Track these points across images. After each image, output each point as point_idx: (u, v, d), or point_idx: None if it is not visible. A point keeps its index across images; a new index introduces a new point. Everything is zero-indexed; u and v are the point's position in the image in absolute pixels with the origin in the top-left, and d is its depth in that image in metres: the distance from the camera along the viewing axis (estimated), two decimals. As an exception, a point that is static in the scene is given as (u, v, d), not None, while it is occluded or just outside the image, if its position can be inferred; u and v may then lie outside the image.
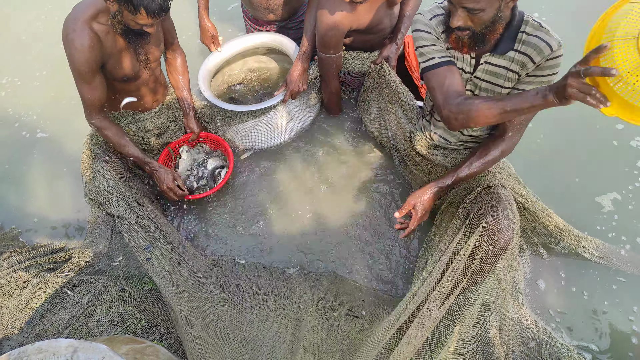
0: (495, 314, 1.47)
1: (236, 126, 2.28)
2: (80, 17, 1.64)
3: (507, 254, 1.45)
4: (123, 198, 1.83)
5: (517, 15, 1.38)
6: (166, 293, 1.55)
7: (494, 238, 1.42)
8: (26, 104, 2.77)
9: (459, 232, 1.51)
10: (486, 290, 1.46)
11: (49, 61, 3.02)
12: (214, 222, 2.13)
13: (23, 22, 3.35)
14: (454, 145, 1.79)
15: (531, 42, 1.38)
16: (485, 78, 1.51)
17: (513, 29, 1.39)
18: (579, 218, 1.98)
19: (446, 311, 1.40)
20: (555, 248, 1.88)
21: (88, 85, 1.76)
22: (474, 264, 1.42)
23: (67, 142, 2.54)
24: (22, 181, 2.40)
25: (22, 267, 1.75)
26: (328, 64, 2.15)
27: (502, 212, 1.46)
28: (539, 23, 1.38)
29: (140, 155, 1.96)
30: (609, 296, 1.81)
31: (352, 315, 1.65)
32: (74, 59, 1.67)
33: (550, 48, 1.35)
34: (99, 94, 1.81)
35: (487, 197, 1.54)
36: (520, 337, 1.65)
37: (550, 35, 1.36)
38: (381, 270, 1.94)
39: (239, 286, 1.75)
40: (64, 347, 1.06)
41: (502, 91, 1.50)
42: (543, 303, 1.81)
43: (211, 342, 1.44)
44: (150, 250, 1.69)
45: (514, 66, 1.44)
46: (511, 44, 1.41)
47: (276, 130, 2.32)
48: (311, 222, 2.10)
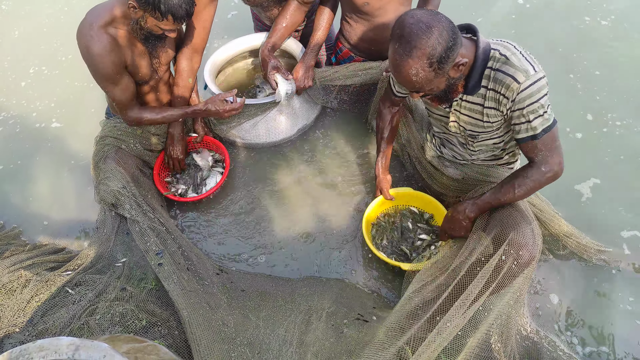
0: (501, 322, 1.46)
1: (240, 122, 2.27)
2: (95, 24, 1.63)
3: (529, 268, 1.44)
4: (135, 200, 1.83)
5: (480, 55, 1.36)
6: (175, 298, 1.55)
7: (519, 253, 1.40)
8: (30, 104, 2.79)
9: (480, 245, 1.49)
10: (502, 304, 1.45)
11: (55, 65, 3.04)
12: (216, 226, 2.12)
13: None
14: (462, 160, 1.80)
15: (498, 78, 1.36)
16: (463, 112, 1.53)
17: (478, 69, 1.38)
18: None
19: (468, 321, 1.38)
20: (561, 253, 1.87)
21: (118, 87, 1.76)
22: (499, 277, 1.39)
23: (72, 142, 2.55)
24: (26, 181, 2.40)
25: (23, 266, 1.75)
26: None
27: (526, 226, 1.44)
28: (506, 57, 1.34)
29: (183, 111, 2.00)
30: (615, 304, 1.79)
31: (362, 319, 1.64)
32: (97, 65, 1.66)
33: (516, 81, 1.33)
34: (130, 92, 1.82)
35: (510, 210, 1.52)
36: (520, 345, 1.64)
37: (516, 67, 1.32)
38: (386, 275, 1.92)
39: (244, 292, 1.75)
40: (65, 345, 1.06)
41: (484, 125, 1.51)
42: (546, 310, 1.80)
43: (217, 347, 1.43)
44: (162, 256, 1.69)
45: (489, 102, 1.44)
46: (479, 82, 1.40)
47: (279, 126, 2.32)
48: (316, 225, 2.09)
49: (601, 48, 2.83)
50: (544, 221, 1.76)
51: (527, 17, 3.13)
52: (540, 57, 1.44)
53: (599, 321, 1.76)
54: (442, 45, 1.22)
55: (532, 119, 1.38)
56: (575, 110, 2.49)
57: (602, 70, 2.69)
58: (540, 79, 1.34)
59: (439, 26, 1.22)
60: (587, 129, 2.39)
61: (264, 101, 2.20)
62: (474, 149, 1.71)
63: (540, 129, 1.38)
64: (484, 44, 1.36)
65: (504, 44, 1.38)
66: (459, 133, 1.66)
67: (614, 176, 2.18)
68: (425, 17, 1.23)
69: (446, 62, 1.26)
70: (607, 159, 2.26)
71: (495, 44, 1.38)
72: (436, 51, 1.22)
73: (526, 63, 1.33)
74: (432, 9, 2.06)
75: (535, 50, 1.99)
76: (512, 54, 1.35)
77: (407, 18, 1.24)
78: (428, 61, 1.23)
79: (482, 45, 1.36)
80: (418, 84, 1.29)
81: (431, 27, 1.21)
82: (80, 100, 2.76)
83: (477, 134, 1.59)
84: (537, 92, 1.34)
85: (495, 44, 1.38)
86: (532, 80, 1.33)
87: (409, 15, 1.25)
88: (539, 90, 1.34)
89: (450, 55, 1.25)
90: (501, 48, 1.37)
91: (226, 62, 2.48)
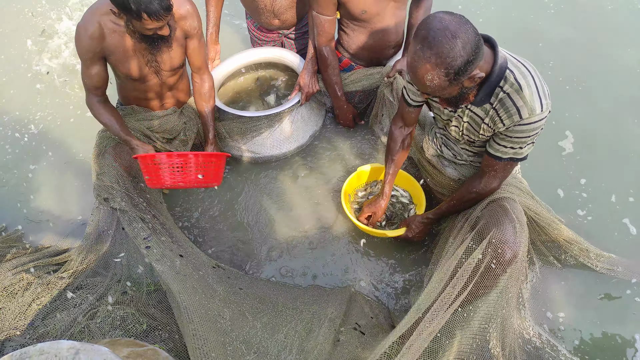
0: (496, 326, 1.45)
1: (252, 137, 2.27)
2: (93, 9, 1.72)
3: (513, 266, 1.44)
4: (127, 193, 1.85)
5: (496, 70, 1.34)
6: (167, 280, 1.53)
7: (498, 250, 1.41)
8: (30, 106, 2.80)
9: (463, 244, 1.51)
10: (488, 303, 1.45)
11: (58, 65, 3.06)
12: (219, 230, 2.12)
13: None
14: (461, 161, 1.80)
15: (505, 104, 1.36)
16: (465, 119, 1.54)
17: (492, 84, 1.36)
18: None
19: (447, 323, 1.39)
20: (564, 260, 1.87)
21: (86, 70, 1.83)
22: (476, 276, 1.40)
23: (74, 143, 2.56)
24: (27, 183, 2.41)
25: (25, 269, 1.76)
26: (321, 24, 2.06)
27: (509, 224, 1.45)
28: (519, 85, 1.32)
29: (123, 134, 1.91)
30: (617, 311, 1.79)
31: (359, 330, 1.64)
32: (77, 44, 1.76)
33: (519, 115, 1.33)
34: (94, 81, 1.86)
35: (495, 209, 1.54)
36: (523, 349, 1.64)
37: (525, 101, 1.31)
38: (390, 283, 1.92)
39: (242, 290, 1.74)
40: (66, 348, 1.06)
41: (479, 137, 1.53)
42: (548, 315, 1.79)
43: (212, 337, 1.42)
44: (150, 240, 1.70)
45: (488, 120, 1.45)
46: (488, 97, 1.39)
47: (292, 135, 2.32)
48: (321, 233, 2.09)
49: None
50: (543, 226, 1.75)
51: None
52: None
53: (601, 331, 1.75)
54: (462, 59, 1.21)
55: (508, 145, 1.43)
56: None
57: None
58: (542, 119, 1.34)
59: (465, 38, 1.20)
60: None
61: (279, 110, 2.20)
62: (472, 150, 1.73)
63: (507, 156, 1.46)
64: (501, 60, 1.35)
65: (520, 68, 1.35)
66: (459, 138, 1.67)
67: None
68: (453, 25, 1.20)
69: (463, 75, 1.25)
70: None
71: (512, 63, 1.36)
72: (456, 63, 1.21)
73: (537, 99, 1.32)
74: (427, 8, 2.02)
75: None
76: (527, 85, 1.33)
77: (435, 22, 1.22)
78: (445, 70, 1.22)
79: (499, 62, 1.34)
80: (431, 89, 1.29)
81: (456, 37, 1.19)
82: (82, 99, 2.77)
83: (474, 141, 1.61)
84: (532, 130, 1.36)
85: (512, 63, 1.36)
86: (534, 119, 1.34)
87: (438, 20, 1.22)
88: (534, 130, 1.36)
89: (469, 68, 1.24)
90: (516, 72, 1.34)
91: (227, 78, 2.48)
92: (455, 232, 1.68)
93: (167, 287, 1.54)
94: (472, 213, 1.64)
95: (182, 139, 2.20)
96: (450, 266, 1.47)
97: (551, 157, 2.34)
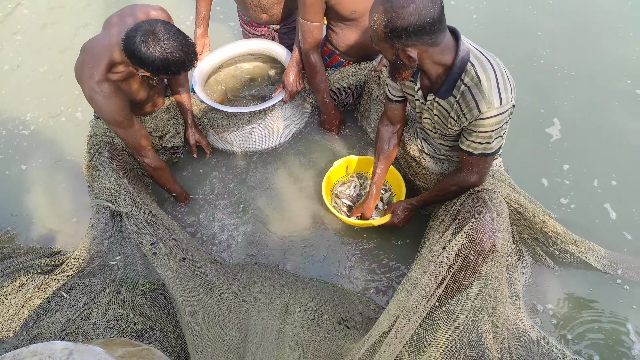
0: (488, 317, 1.45)
1: (235, 130, 2.29)
2: (95, 76, 1.66)
3: (493, 256, 1.44)
4: (130, 196, 1.85)
5: (458, 63, 1.34)
6: (170, 285, 1.56)
7: (476, 240, 1.41)
8: (22, 105, 2.78)
9: (443, 236, 1.51)
10: (473, 295, 1.45)
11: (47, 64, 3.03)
12: (210, 224, 2.14)
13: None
14: (441, 156, 1.81)
15: (466, 97, 1.37)
16: (435, 112, 1.55)
17: (453, 75, 1.36)
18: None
19: (429, 318, 1.40)
20: (554, 253, 1.88)
21: (131, 129, 1.82)
22: (453, 269, 1.40)
23: (65, 144, 2.54)
24: (19, 184, 2.39)
25: (18, 270, 1.75)
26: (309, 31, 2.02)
27: (486, 213, 1.46)
28: (479, 78, 1.32)
29: (179, 189, 2.15)
30: (610, 304, 1.81)
31: (344, 324, 1.66)
32: (107, 114, 1.72)
33: (478, 109, 1.34)
34: (143, 133, 1.87)
35: (475, 201, 1.56)
36: (518, 340, 1.65)
37: (484, 95, 1.31)
38: (376, 277, 1.94)
39: (237, 279, 1.78)
40: (60, 349, 1.06)
41: (448, 130, 1.55)
42: (541, 307, 1.81)
43: (211, 332, 1.44)
44: (156, 246, 1.71)
45: (453, 114, 1.46)
46: (451, 89, 1.40)
47: (275, 131, 2.33)
48: (307, 227, 2.11)
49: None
50: (528, 217, 1.75)
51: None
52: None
53: (594, 324, 1.77)
54: (404, 22, 1.21)
55: (476, 141, 1.45)
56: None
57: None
58: (502, 113, 1.34)
59: (421, 8, 1.19)
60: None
61: (262, 107, 2.20)
62: (447, 145, 1.73)
63: (478, 151, 1.48)
64: (463, 52, 1.34)
65: (482, 61, 1.34)
66: (431, 130, 1.68)
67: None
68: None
69: (398, 39, 1.26)
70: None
71: (475, 56, 1.35)
72: (397, 21, 1.22)
73: (495, 93, 1.31)
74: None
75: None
76: (486, 79, 1.32)
77: None
78: (386, 21, 1.23)
79: (461, 54, 1.34)
80: (372, 33, 1.31)
81: (415, 2, 1.19)
82: (73, 98, 2.76)
83: (445, 134, 1.62)
84: (494, 124, 1.37)
85: (475, 56, 1.35)
86: (493, 113, 1.33)
87: None
88: (497, 123, 1.36)
89: (405, 37, 1.24)
90: (477, 65, 1.33)
91: (216, 68, 2.48)
92: (437, 224, 1.69)
93: (171, 292, 1.56)
94: (453, 205, 1.65)
95: (173, 132, 2.23)
96: (430, 260, 1.47)
97: (537, 144, 2.37)
